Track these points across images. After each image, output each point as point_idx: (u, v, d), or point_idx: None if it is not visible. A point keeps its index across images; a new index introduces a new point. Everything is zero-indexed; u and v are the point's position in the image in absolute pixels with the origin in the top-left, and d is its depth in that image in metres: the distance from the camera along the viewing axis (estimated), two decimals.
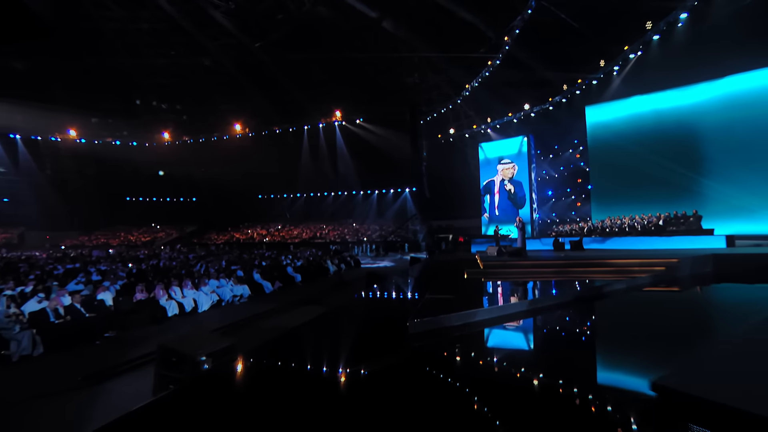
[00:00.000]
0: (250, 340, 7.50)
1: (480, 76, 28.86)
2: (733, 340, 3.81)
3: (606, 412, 2.61)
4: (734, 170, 19.10)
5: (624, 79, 22.38)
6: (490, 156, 33.17)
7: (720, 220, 17.22)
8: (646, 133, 21.28)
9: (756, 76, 18.88)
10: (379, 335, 4.17)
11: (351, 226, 44.00)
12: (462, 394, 2.91)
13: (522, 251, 10.24)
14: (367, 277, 11.14)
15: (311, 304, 11.30)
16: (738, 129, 19.20)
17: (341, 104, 39.95)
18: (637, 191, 21.31)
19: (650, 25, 19.83)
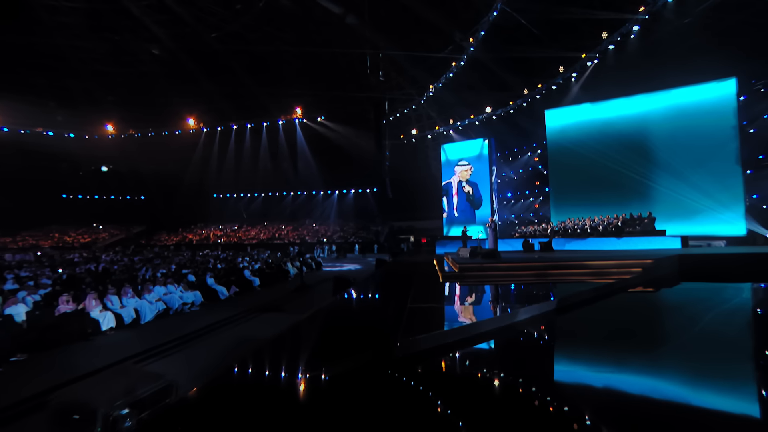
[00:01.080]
0: (204, 356, 6.44)
1: (444, 77, 28.73)
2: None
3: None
4: (678, 175, 20.09)
5: (581, 85, 23.00)
6: (452, 157, 33.20)
7: (667, 221, 18.01)
8: (601, 138, 21.95)
9: (696, 90, 20.02)
10: (365, 357, 3.40)
11: (311, 227, 42.67)
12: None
13: (495, 253, 9.83)
14: (334, 282, 10.21)
15: (272, 311, 10.27)
16: (681, 138, 20.26)
17: (302, 101, 38.59)
18: (592, 193, 21.91)
19: (606, 35, 20.44)
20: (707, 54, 18.67)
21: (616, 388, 2.87)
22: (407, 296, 5.83)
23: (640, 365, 3.32)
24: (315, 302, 11.18)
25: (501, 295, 6.38)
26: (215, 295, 11.50)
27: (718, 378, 2.98)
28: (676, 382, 2.92)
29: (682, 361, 3.42)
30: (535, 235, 18.37)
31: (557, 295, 5.98)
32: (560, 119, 23.84)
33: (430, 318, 4.67)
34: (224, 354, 6.25)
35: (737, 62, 18.64)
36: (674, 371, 3.19)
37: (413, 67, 31.07)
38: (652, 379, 3.04)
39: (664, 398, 2.65)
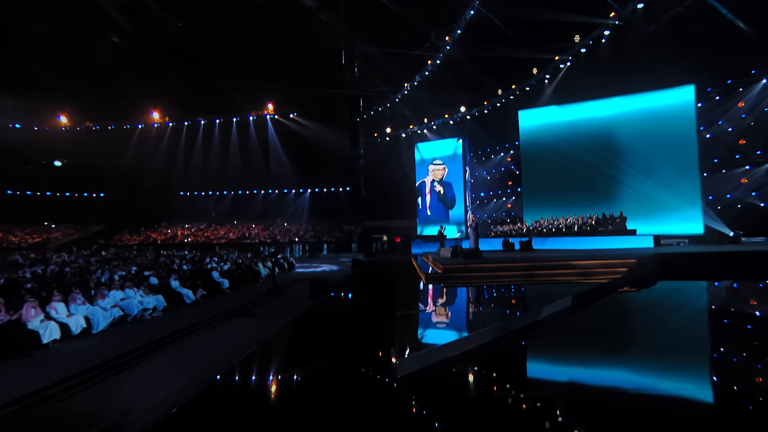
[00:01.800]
0: (165, 370, 5.69)
1: (419, 76, 28.48)
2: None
3: None
4: (643, 176, 20.67)
5: (554, 87, 23.30)
6: (426, 156, 32.98)
7: (633, 220, 18.47)
8: (572, 139, 22.27)
9: (660, 95, 20.64)
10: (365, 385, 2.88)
11: (282, 226, 41.47)
12: None
13: (478, 252, 9.52)
14: (311, 284, 9.56)
15: (242, 315, 9.51)
16: (645, 140, 20.85)
17: (274, 97, 37.31)
18: (563, 193, 22.21)
19: (578, 38, 20.76)
20: (669, 61, 19.31)
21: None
22: (394, 301, 5.34)
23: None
24: (289, 305, 10.50)
25: (492, 298, 6.01)
26: (180, 298, 10.60)
27: (679, 369, 3.20)
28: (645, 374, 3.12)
29: (651, 356, 3.62)
30: (512, 234, 18.35)
31: (548, 297, 5.67)
32: (533, 120, 24.06)
33: (424, 327, 4.21)
34: (188, 368, 5.53)
35: (696, 70, 19.32)
36: (643, 365, 3.41)
37: (388, 65, 30.65)
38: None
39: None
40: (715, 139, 20.03)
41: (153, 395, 4.46)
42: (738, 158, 19.37)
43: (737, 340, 4.19)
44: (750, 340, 4.23)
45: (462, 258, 9.61)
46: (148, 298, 8.87)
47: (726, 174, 19.70)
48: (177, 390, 4.57)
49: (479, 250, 9.69)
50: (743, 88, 19.33)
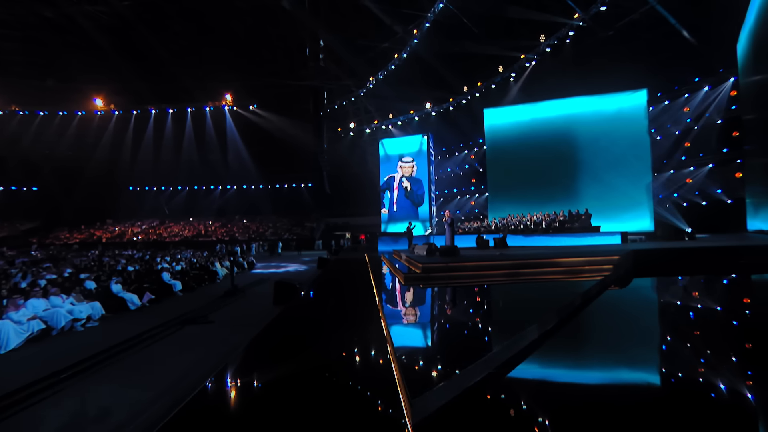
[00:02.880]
0: (89, 401, 4.54)
1: (385, 70, 27.74)
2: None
3: None
4: (600, 175, 21.26)
5: (519, 85, 23.40)
6: (391, 153, 32.37)
7: (594, 218, 18.88)
8: (535, 138, 22.53)
9: (615, 98, 21.26)
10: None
11: (241, 223, 39.36)
12: None
13: (455, 250, 8.94)
14: (276, 288, 8.51)
15: (196, 322, 8.33)
16: (602, 141, 21.43)
17: (232, 87, 35.11)
18: (526, 191, 22.41)
19: (543, 38, 20.88)
20: (625, 66, 19.92)
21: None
22: (376, 308, 4.55)
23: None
24: (250, 310, 9.41)
25: (486, 302, 5.37)
26: (123, 304, 9.21)
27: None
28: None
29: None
30: (481, 231, 18.10)
31: (546, 300, 5.12)
32: (498, 118, 24.09)
33: (424, 344, 3.47)
34: (117, 406, 4.41)
35: (648, 76, 20.10)
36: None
37: (353, 58, 29.65)
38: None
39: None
40: (664, 141, 20.93)
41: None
42: (684, 160, 20.33)
43: (707, 333, 4.15)
44: (713, 332, 4.25)
45: (439, 256, 8.97)
46: (81, 306, 7.48)
47: (674, 174, 20.63)
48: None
49: (457, 247, 9.12)
50: (689, 94, 20.28)
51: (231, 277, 13.68)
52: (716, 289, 7.23)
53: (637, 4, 19.83)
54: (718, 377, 2.95)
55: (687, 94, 20.28)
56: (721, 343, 3.92)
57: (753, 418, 2.39)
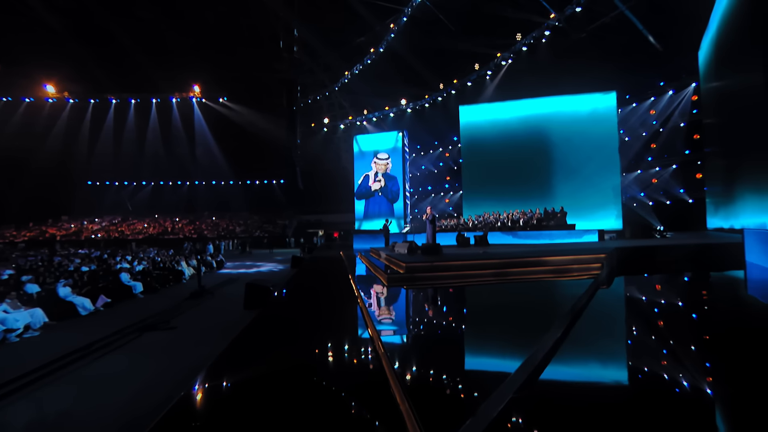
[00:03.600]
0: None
1: (360, 65, 27.07)
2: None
3: None
4: (572, 174, 21.52)
5: (495, 83, 23.36)
6: (365, 149, 31.73)
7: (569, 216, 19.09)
8: (510, 136, 22.54)
9: (587, 98, 21.56)
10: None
11: (210, 220, 37.66)
12: None
13: (438, 248, 8.52)
14: (247, 290, 7.76)
15: (156, 329, 7.49)
16: (575, 140, 21.68)
17: (201, 78, 33.34)
18: (501, 188, 22.43)
19: (519, 37, 20.88)
20: (596, 68, 20.24)
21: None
22: (364, 316, 4.01)
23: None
24: (218, 313, 8.63)
25: (484, 307, 4.93)
26: (72, 310, 8.21)
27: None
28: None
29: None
30: (458, 228, 17.84)
31: (543, 302, 4.75)
32: (474, 116, 23.94)
33: (434, 362, 2.97)
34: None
35: (617, 78, 20.51)
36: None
37: (327, 52, 28.81)
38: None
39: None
40: (633, 142, 21.48)
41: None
42: (650, 161, 20.93)
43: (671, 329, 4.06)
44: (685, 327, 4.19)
45: (421, 255, 8.52)
46: (18, 314, 6.49)
47: (641, 174, 21.21)
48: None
49: (439, 245, 8.71)
50: (655, 97, 20.89)
51: (198, 278, 12.72)
52: (680, 285, 7.16)
53: (608, 8, 20.18)
54: (680, 371, 2.95)
55: (653, 97, 20.88)
56: (680, 337, 3.86)
57: (710, 409, 2.43)
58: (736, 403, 2.42)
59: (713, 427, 2.18)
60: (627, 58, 20.56)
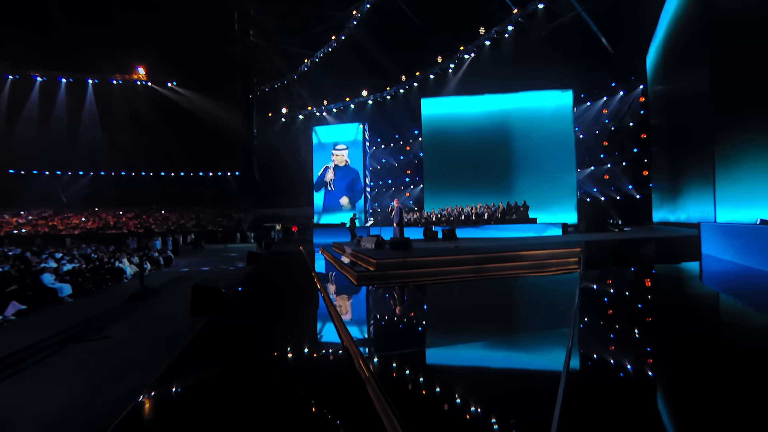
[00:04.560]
0: None
1: (321, 52, 25.88)
2: None
3: None
4: (531, 169, 21.82)
5: (458, 77, 23.15)
6: (325, 141, 30.63)
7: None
8: (472, 130, 22.46)
9: (546, 95, 21.87)
10: None
11: (159, 214, 34.90)
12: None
13: (408, 243, 7.95)
14: (194, 294, 6.71)
15: (84, 339, 6.32)
16: (534, 136, 21.97)
17: (147, 59, 30.43)
18: (463, 183, 22.35)
19: (483, 31, 20.74)
20: (554, 65, 20.61)
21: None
22: (334, 323, 3.34)
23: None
24: (161, 319, 7.54)
25: (475, 308, 4.39)
26: None
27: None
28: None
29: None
30: (421, 222, 17.46)
31: (540, 302, 4.30)
32: (436, 109, 23.63)
33: (423, 382, 2.38)
34: None
35: (573, 77, 21.01)
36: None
37: (286, 38, 27.29)
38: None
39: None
40: (587, 139, 22.18)
41: None
42: (602, 158, 21.74)
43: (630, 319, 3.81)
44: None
45: (390, 250, 7.92)
46: None
47: (594, 171, 21.99)
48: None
49: (409, 239, 8.14)
50: (607, 97, 21.67)
51: (140, 277, 11.34)
52: (653, 277, 7.12)
53: (566, 9, 20.57)
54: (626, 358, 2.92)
55: (606, 97, 21.64)
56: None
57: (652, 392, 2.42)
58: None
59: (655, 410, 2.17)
60: (583, 58, 21.13)
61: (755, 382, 2.35)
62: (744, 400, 2.14)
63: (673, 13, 14.81)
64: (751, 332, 3.43)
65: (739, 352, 2.95)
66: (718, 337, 3.45)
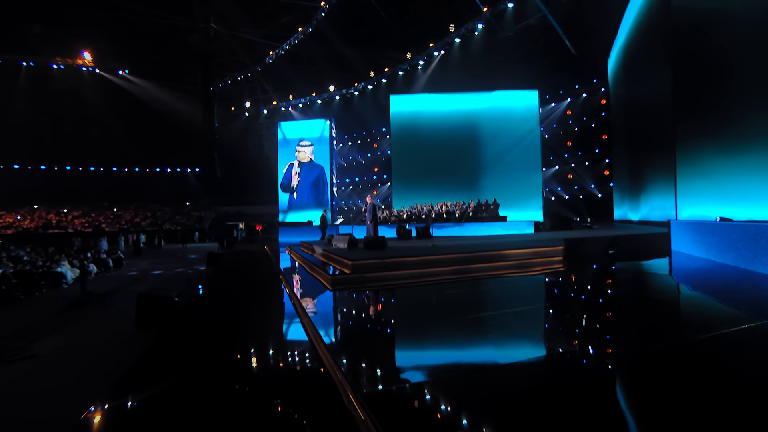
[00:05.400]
0: None
1: (288, 44, 24.74)
2: None
3: None
4: (501, 167, 21.89)
5: (427, 74, 22.81)
6: (290, 137, 29.46)
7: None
8: (441, 128, 22.23)
9: (513, 95, 22.00)
10: None
11: (110, 212, 32.26)
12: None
13: (383, 242, 7.39)
14: (139, 306, 5.72)
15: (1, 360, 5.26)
16: (501, 135, 22.08)
17: (94, 44, 27.80)
18: (432, 180, 22.09)
19: (453, 28, 20.51)
20: (521, 66, 20.79)
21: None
22: (311, 338, 2.74)
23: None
24: (105, 330, 6.53)
25: (473, 316, 3.88)
26: None
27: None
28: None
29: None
30: (389, 220, 16.96)
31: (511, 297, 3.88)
32: (405, 106, 23.21)
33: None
34: None
35: (539, 78, 21.27)
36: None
37: (250, 28, 25.86)
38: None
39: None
40: (551, 139, 22.57)
41: None
42: (567, 157, 22.21)
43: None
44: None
45: (364, 249, 7.33)
46: None
47: (559, 170, 22.43)
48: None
49: (384, 238, 7.57)
50: (571, 98, 22.15)
51: (82, 282, 10.08)
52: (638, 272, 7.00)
53: (533, 11, 20.75)
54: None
55: (570, 98, 22.11)
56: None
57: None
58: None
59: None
60: (548, 60, 21.46)
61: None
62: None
63: (635, 18, 15.19)
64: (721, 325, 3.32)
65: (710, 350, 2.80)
66: (684, 331, 3.28)
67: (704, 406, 2.00)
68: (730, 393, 2.15)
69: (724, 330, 3.26)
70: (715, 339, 3.01)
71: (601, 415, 1.97)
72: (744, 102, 8.75)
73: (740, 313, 3.83)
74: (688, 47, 11.05)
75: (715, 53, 10.16)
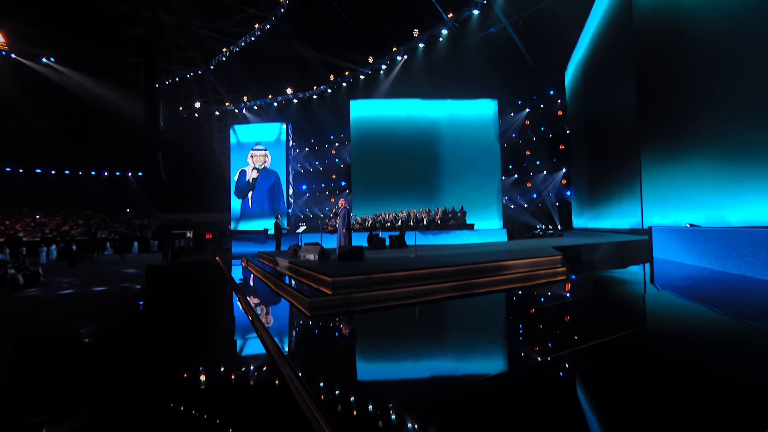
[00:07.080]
0: None
1: (243, 41, 22.82)
2: None
3: None
4: (458, 176, 21.43)
5: (390, 79, 21.98)
6: (244, 140, 27.42)
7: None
8: (402, 135, 21.46)
9: (472, 104, 21.78)
10: None
11: (31, 218, 27.98)
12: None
13: (360, 252, 6.17)
14: (23, 357, 3.79)
15: None
16: (461, 143, 21.69)
17: (8, 25, 23.74)
18: (392, 187, 21.21)
19: (417, 33, 19.89)
20: (481, 75, 20.61)
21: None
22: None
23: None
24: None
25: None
26: None
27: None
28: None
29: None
30: (355, 228, 15.70)
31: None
32: (366, 111, 22.19)
33: None
34: None
35: (498, 87, 21.24)
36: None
37: (200, 22, 23.59)
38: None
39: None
40: (509, 149, 22.58)
41: None
42: (525, 166, 22.31)
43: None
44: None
45: (338, 261, 6.08)
46: None
47: (518, 179, 22.47)
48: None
49: (362, 248, 6.36)
50: (529, 108, 22.35)
51: None
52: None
53: (494, 21, 20.73)
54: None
55: (528, 108, 22.29)
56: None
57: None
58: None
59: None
60: (507, 70, 21.46)
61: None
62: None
63: (595, 30, 15.36)
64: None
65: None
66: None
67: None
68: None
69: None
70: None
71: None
72: (712, 110, 8.64)
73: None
74: (651, 58, 11.08)
75: (677, 62, 10.15)
